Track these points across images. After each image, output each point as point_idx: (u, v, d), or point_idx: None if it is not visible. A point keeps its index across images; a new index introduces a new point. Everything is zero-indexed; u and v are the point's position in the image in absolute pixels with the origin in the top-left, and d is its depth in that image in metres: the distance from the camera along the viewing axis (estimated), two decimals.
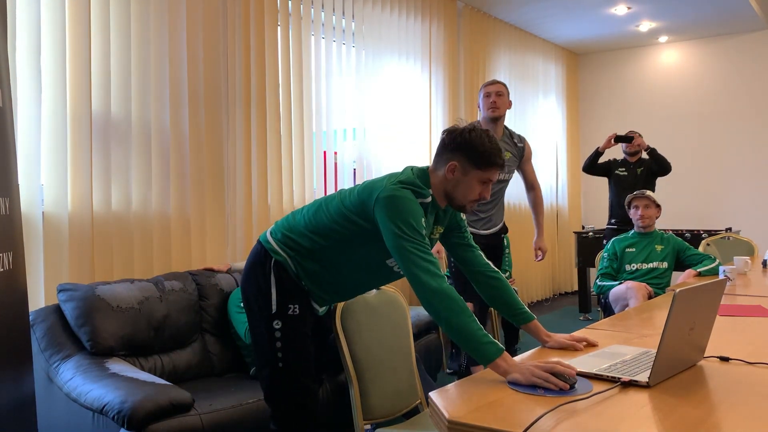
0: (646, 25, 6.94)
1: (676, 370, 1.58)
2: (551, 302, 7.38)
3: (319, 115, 4.48)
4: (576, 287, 7.63)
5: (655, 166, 5.32)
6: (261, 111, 4.00)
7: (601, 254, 4.03)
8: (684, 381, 1.52)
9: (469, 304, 3.65)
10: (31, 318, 2.66)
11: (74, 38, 3.08)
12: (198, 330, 3.07)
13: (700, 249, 4.85)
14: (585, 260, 6.35)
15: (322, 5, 4.52)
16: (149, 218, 3.41)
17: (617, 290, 3.67)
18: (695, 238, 5.85)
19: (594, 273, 4.42)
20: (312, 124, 4.41)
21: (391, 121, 5.10)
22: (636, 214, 3.89)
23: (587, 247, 6.31)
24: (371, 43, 4.92)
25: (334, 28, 4.63)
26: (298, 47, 4.30)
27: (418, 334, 3.54)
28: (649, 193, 3.90)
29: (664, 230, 4.27)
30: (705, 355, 1.74)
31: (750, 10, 6.45)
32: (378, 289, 2.39)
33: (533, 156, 4.15)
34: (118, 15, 3.27)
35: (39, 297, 2.95)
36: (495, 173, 1.92)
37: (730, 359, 1.72)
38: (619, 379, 1.48)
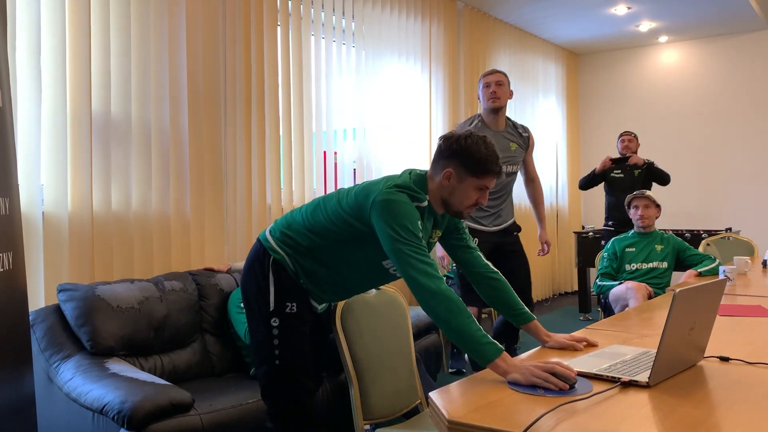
0: (646, 25, 6.94)
1: (676, 370, 1.58)
2: (551, 302, 7.39)
3: (319, 115, 4.48)
4: (576, 287, 7.63)
5: (655, 179, 5.41)
6: (261, 111, 4.00)
7: (601, 254, 4.03)
8: (684, 381, 1.52)
9: (472, 308, 3.64)
10: (31, 318, 2.66)
11: (74, 38, 3.08)
12: (198, 330, 3.07)
13: (700, 249, 4.85)
14: (585, 260, 6.34)
15: (322, 5, 4.52)
16: (149, 218, 3.41)
17: (617, 290, 3.67)
18: (695, 238, 5.85)
19: (594, 273, 4.43)
20: (312, 124, 4.41)
21: (391, 121, 5.10)
22: (636, 214, 3.89)
23: (587, 247, 6.31)
24: (371, 43, 4.92)
25: (334, 28, 4.63)
26: (298, 47, 4.30)
27: (418, 334, 3.54)
28: (649, 193, 3.90)
29: (664, 230, 4.27)
30: (705, 355, 1.74)
31: (750, 10, 6.45)
32: (378, 289, 2.39)
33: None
34: (118, 15, 3.27)
35: (39, 297, 2.96)
36: (491, 180, 1.92)
37: (730, 359, 1.72)
38: (619, 379, 1.48)
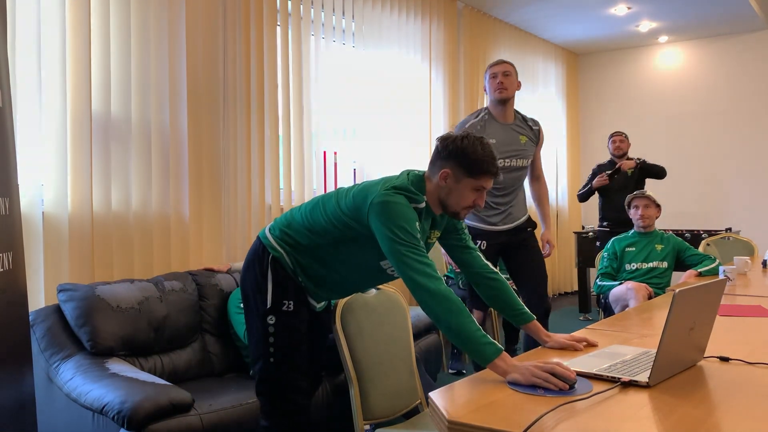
0: (646, 25, 6.94)
1: (676, 370, 1.58)
2: (551, 302, 7.38)
3: (319, 115, 4.48)
4: (576, 287, 7.62)
5: (650, 175, 5.44)
6: (261, 111, 4.00)
7: (601, 254, 4.03)
8: (684, 381, 1.52)
9: (478, 313, 3.54)
10: (31, 318, 2.66)
11: (74, 38, 3.08)
12: (198, 330, 3.07)
13: (700, 249, 4.85)
14: (585, 260, 6.34)
15: (322, 5, 4.52)
16: (149, 218, 3.41)
17: (617, 291, 3.67)
18: (695, 238, 5.85)
19: (594, 273, 4.43)
20: (312, 124, 4.41)
21: (391, 121, 5.10)
22: (636, 213, 3.90)
23: (587, 247, 6.31)
24: (371, 43, 4.92)
25: (334, 28, 4.63)
26: (298, 47, 4.30)
27: (418, 335, 3.54)
28: (650, 193, 3.91)
29: (664, 230, 4.27)
30: (705, 355, 1.74)
31: (750, 10, 6.45)
32: (378, 289, 2.39)
33: None
34: (118, 15, 3.27)
35: (39, 297, 2.95)
36: (488, 181, 1.92)
37: (730, 359, 1.72)
38: (619, 379, 1.48)
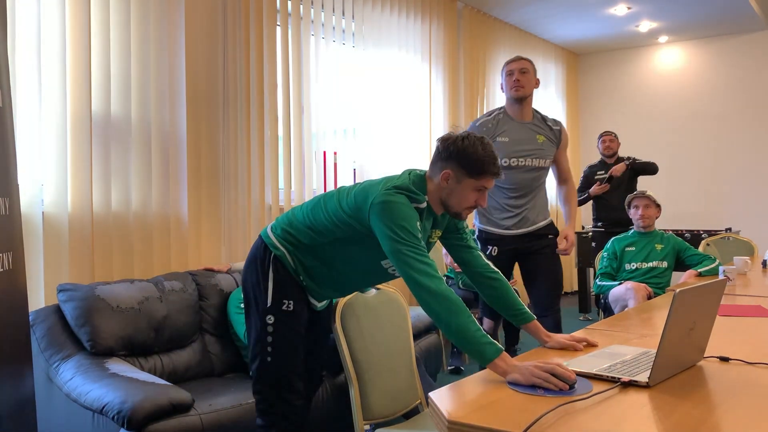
0: (646, 25, 6.94)
1: (676, 370, 1.58)
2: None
3: (319, 115, 4.48)
4: (576, 287, 7.62)
5: (642, 173, 5.47)
6: (260, 111, 3.99)
7: (601, 254, 4.03)
8: (684, 381, 1.52)
9: (489, 322, 3.50)
10: (31, 318, 2.66)
11: (74, 38, 3.08)
12: (198, 330, 3.07)
13: (700, 249, 4.85)
14: (584, 260, 6.34)
15: (322, 5, 4.52)
16: (149, 218, 3.41)
17: (617, 291, 3.67)
18: (695, 238, 5.85)
19: (593, 273, 4.43)
20: (312, 124, 4.41)
21: (391, 121, 5.10)
22: (636, 213, 3.90)
23: (586, 248, 6.31)
24: (371, 44, 4.92)
25: (334, 28, 4.63)
26: (298, 47, 4.30)
27: (418, 334, 3.54)
28: (650, 193, 3.91)
29: (664, 230, 4.27)
30: (705, 355, 1.74)
31: (750, 10, 6.45)
32: (378, 289, 2.39)
33: None
34: (118, 15, 3.27)
35: (39, 297, 2.95)
36: (489, 181, 1.93)
37: (730, 359, 1.72)
38: (619, 379, 1.48)
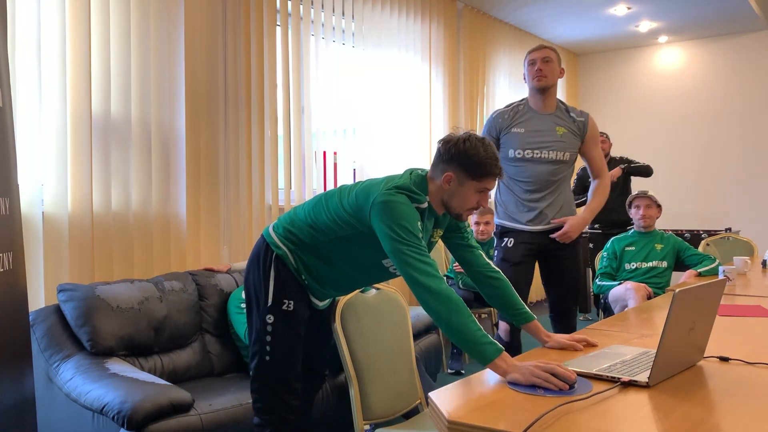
0: (645, 25, 6.94)
1: (676, 370, 1.58)
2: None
3: (319, 115, 4.48)
4: None
5: (636, 175, 5.47)
6: (261, 111, 3.99)
7: (601, 254, 4.03)
8: (684, 381, 1.52)
9: (505, 325, 3.41)
10: (31, 318, 2.66)
11: (74, 38, 3.08)
12: (198, 330, 3.07)
13: (700, 249, 4.85)
14: (584, 261, 6.34)
15: (322, 5, 4.52)
16: (149, 218, 3.41)
17: (617, 291, 3.67)
18: (695, 238, 5.85)
19: (593, 273, 4.43)
20: (312, 124, 4.41)
21: (391, 121, 5.10)
22: (638, 213, 3.90)
23: (585, 248, 6.30)
24: (371, 44, 4.92)
25: (334, 28, 4.63)
26: (298, 47, 4.30)
27: (418, 334, 3.54)
28: (651, 193, 3.92)
29: (664, 230, 4.27)
30: (705, 355, 1.74)
31: (750, 10, 6.45)
32: (378, 289, 2.39)
33: None
34: (118, 15, 3.27)
35: (39, 297, 2.95)
36: (491, 182, 1.93)
37: (730, 359, 1.72)
38: (619, 379, 1.48)
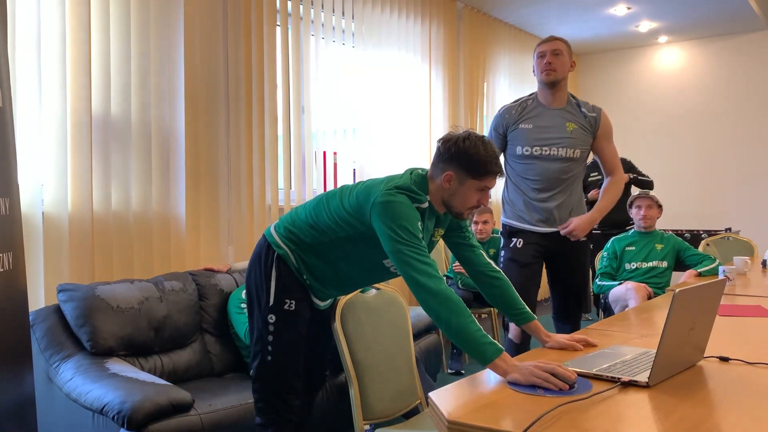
0: (645, 25, 6.94)
1: (676, 370, 1.58)
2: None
3: (319, 115, 4.48)
4: None
5: (638, 185, 5.46)
6: (261, 111, 4.00)
7: (601, 254, 4.03)
8: (684, 381, 1.52)
9: (517, 328, 3.12)
10: (31, 318, 2.66)
11: (74, 38, 3.08)
12: (198, 330, 3.07)
13: (700, 249, 4.85)
14: None
15: (322, 5, 4.52)
16: (149, 218, 3.41)
17: (617, 291, 3.68)
18: (695, 238, 5.85)
19: (593, 273, 4.43)
20: (312, 124, 4.41)
21: (391, 121, 5.10)
22: (639, 213, 3.91)
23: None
24: (371, 44, 4.92)
25: (334, 28, 4.63)
26: (298, 47, 4.30)
27: (418, 335, 3.54)
28: (653, 194, 3.93)
29: (664, 230, 4.27)
30: (705, 355, 1.74)
31: (750, 10, 6.45)
32: (378, 289, 2.40)
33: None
34: (118, 15, 3.27)
35: (39, 297, 2.95)
36: (492, 181, 1.93)
37: (730, 359, 1.72)
38: (619, 379, 1.48)
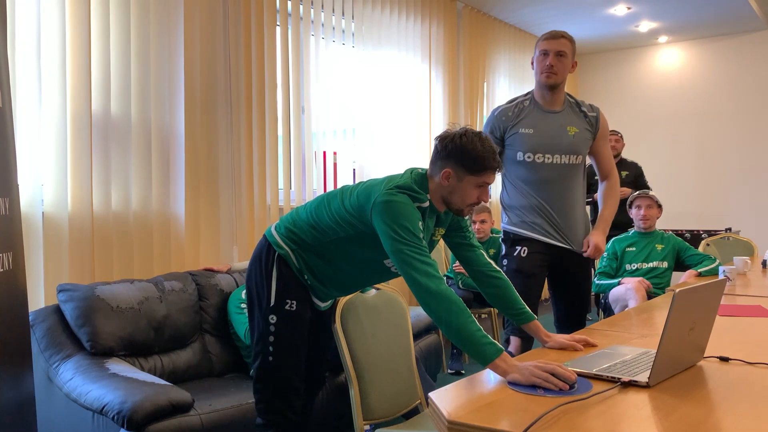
0: (645, 26, 6.94)
1: (676, 370, 1.58)
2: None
3: (319, 115, 4.48)
4: None
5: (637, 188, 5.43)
6: (261, 111, 4.00)
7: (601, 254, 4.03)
8: (684, 381, 1.52)
9: (517, 340, 2.92)
10: (31, 318, 2.66)
11: (74, 38, 3.08)
12: (198, 330, 3.07)
13: (700, 249, 4.85)
14: None
15: (322, 5, 4.52)
16: (149, 218, 3.41)
17: (617, 291, 3.68)
18: (695, 238, 5.84)
19: (593, 273, 4.43)
20: (312, 124, 4.41)
21: (391, 122, 5.10)
22: (638, 213, 3.90)
23: None
24: (371, 44, 4.92)
25: (334, 28, 4.63)
26: (298, 47, 4.30)
27: (418, 335, 3.54)
28: (652, 194, 3.91)
29: (664, 230, 4.27)
30: (705, 355, 1.74)
31: (750, 11, 6.45)
32: (378, 289, 2.40)
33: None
34: (118, 15, 3.27)
35: (39, 297, 2.95)
36: (491, 176, 1.93)
37: (730, 359, 1.72)
38: (619, 379, 1.48)
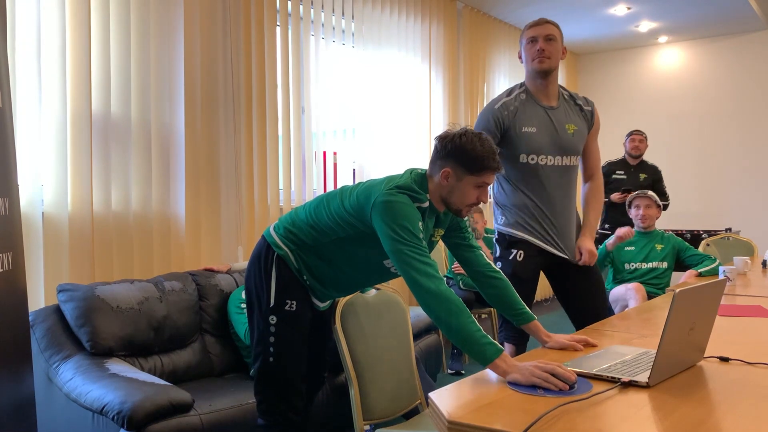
0: (645, 26, 6.94)
1: (676, 371, 1.58)
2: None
3: (319, 115, 4.48)
4: None
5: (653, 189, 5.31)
6: (261, 111, 4.00)
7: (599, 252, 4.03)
8: (684, 381, 1.52)
9: (510, 347, 2.78)
10: (30, 318, 2.66)
11: (74, 38, 3.08)
12: (198, 330, 3.07)
13: (700, 249, 4.85)
14: None
15: (322, 5, 4.52)
16: (149, 218, 3.41)
17: (617, 291, 3.68)
18: (695, 238, 5.84)
19: None
20: (312, 124, 4.41)
21: (391, 122, 5.10)
22: (637, 213, 3.89)
23: None
24: (371, 44, 4.92)
25: (334, 28, 4.63)
26: (298, 47, 4.30)
27: (418, 335, 3.54)
28: (651, 193, 3.90)
29: (664, 230, 4.27)
30: (705, 355, 1.74)
31: (750, 11, 6.45)
32: (378, 289, 2.40)
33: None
34: (118, 15, 3.27)
35: (39, 297, 2.95)
36: (490, 176, 1.93)
37: (730, 359, 1.72)
38: (619, 379, 1.48)
